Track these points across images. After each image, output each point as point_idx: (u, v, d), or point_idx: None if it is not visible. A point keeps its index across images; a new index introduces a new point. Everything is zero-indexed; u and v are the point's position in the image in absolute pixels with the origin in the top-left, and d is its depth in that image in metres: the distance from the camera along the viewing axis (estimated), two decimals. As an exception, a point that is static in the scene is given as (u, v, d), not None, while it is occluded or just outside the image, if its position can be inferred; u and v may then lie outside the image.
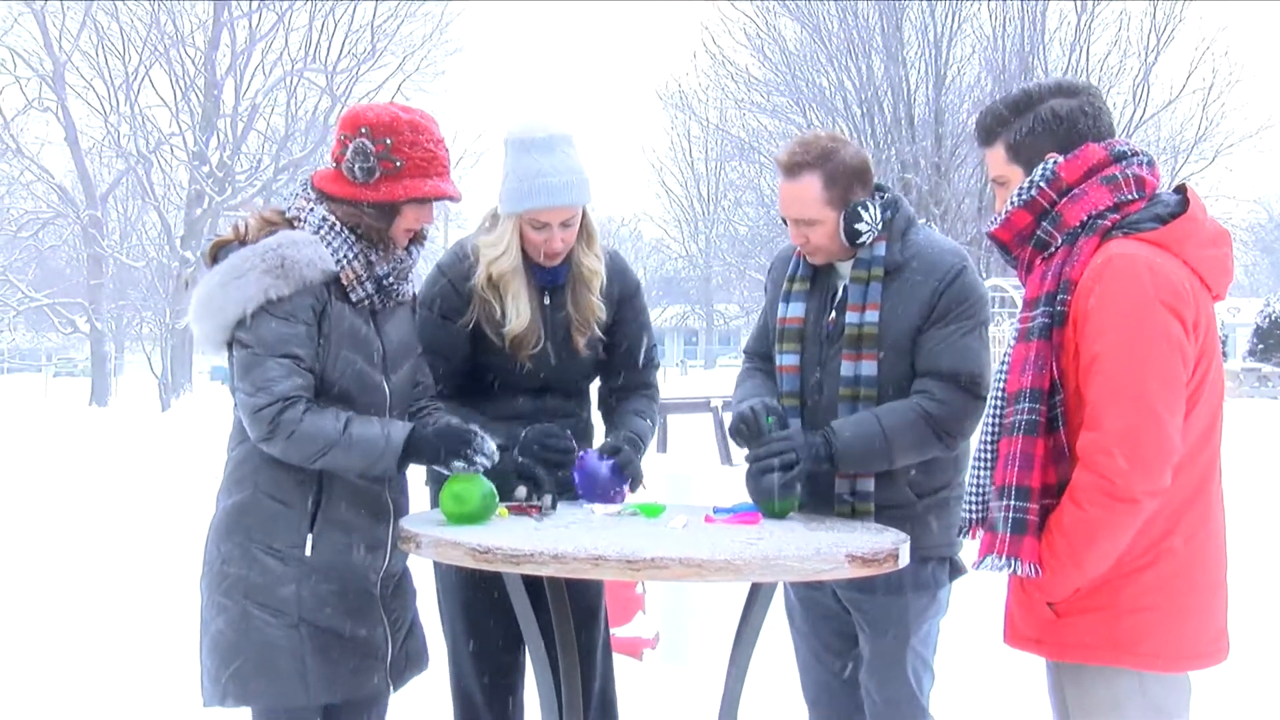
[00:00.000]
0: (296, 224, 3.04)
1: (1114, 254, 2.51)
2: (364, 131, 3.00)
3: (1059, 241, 2.62)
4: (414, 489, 3.30)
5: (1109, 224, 2.57)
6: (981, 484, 2.72)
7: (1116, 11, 31.75)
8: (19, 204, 37.85)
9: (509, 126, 3.38)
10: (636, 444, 3.46)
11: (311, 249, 2.97)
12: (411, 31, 38.56)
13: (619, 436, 3.45)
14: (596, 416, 3.68)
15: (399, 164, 2.99)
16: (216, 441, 3.45)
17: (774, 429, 3.17)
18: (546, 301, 3.46)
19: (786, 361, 3.33)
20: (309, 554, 2.97)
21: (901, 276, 3.20)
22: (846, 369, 3.21)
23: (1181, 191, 2.64)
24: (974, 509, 2.74)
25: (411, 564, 3.20)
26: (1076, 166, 2.62)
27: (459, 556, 2.71)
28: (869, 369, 3.19)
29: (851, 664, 3.38)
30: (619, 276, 3.57)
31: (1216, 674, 2.75)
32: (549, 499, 3.16)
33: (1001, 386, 2.68)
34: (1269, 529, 9.32)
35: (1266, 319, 38.23)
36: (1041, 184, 2.63)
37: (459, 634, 3.52)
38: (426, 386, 3.30)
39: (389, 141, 2.99)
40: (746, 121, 34.26)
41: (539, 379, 3.48)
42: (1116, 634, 2.54)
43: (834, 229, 3.20)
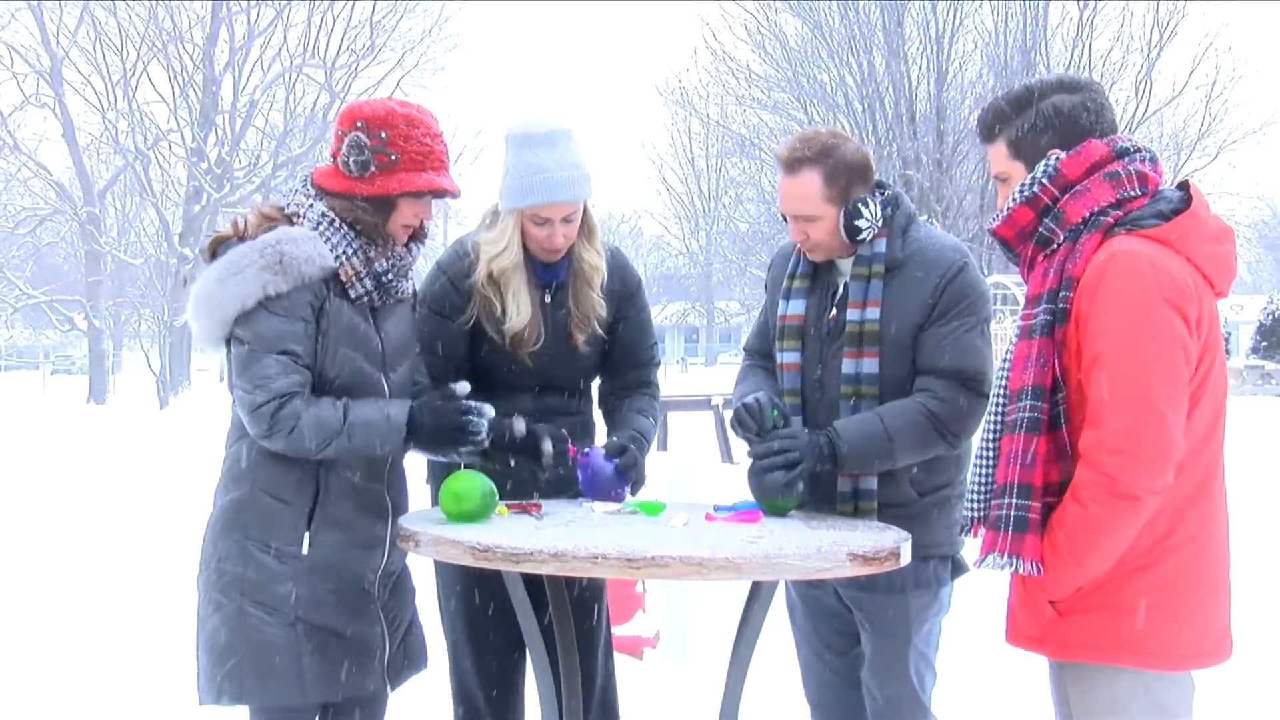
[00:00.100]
0: (295, 220, 3.04)
1: (1116, 251, 2.51)
2: (359, 125, 3.00)
3: (1061, 238, 2.62)
4: (414, 488, 3.30)
5: (1111, 221, 2.57)
6: (983, 482, 2.72)
7: (1119, 7, 31.74)
8: (16, 200, 37.85)
9: (509, 122, 3.39)
10: (641, 444, 3.46)
11: (310, 245, 2.97)
12: (410, 27, 38.62)
13: (624, 436, 3.44)
14: (598, 415, 3.68)
15: (394, 158, 2.99)
16: (215, 439, 3.45)
17: (778, 423, 3.17)
18: (547, 299, 3.46)
19: (787, 359, 3.33)
20: (306, 552, 2.97)
21: (902, 273, 3.20)
22: (847, 367, 3.21)
23: (1184, 188, 2.64)
24: (976, 507, 2.73)
25: (412, 563, 3.20)
26: (1079, 163, 2.62)
27: (458, 555, 2.71)
28: (870, 366, 3.19)
29: (853, 663, 3.38)
30: (620, 273, 3.57)
31: (1220, 673, 2.75)
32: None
33: (1003, 384, 2.68)
34: (1272, 527, 9.32)
35: (1270, 316, 38.24)
36: (1044, 180, 2.63)
37: (459, 633, 3.53)
38: (425, 386, 3.31)
39: (384, 135, 2.99)
40: (747, 118, 34.24)
41: (539, 377, 3.48)
42: (1119, 633, 2.54)
43: (834, 225, 3.20)
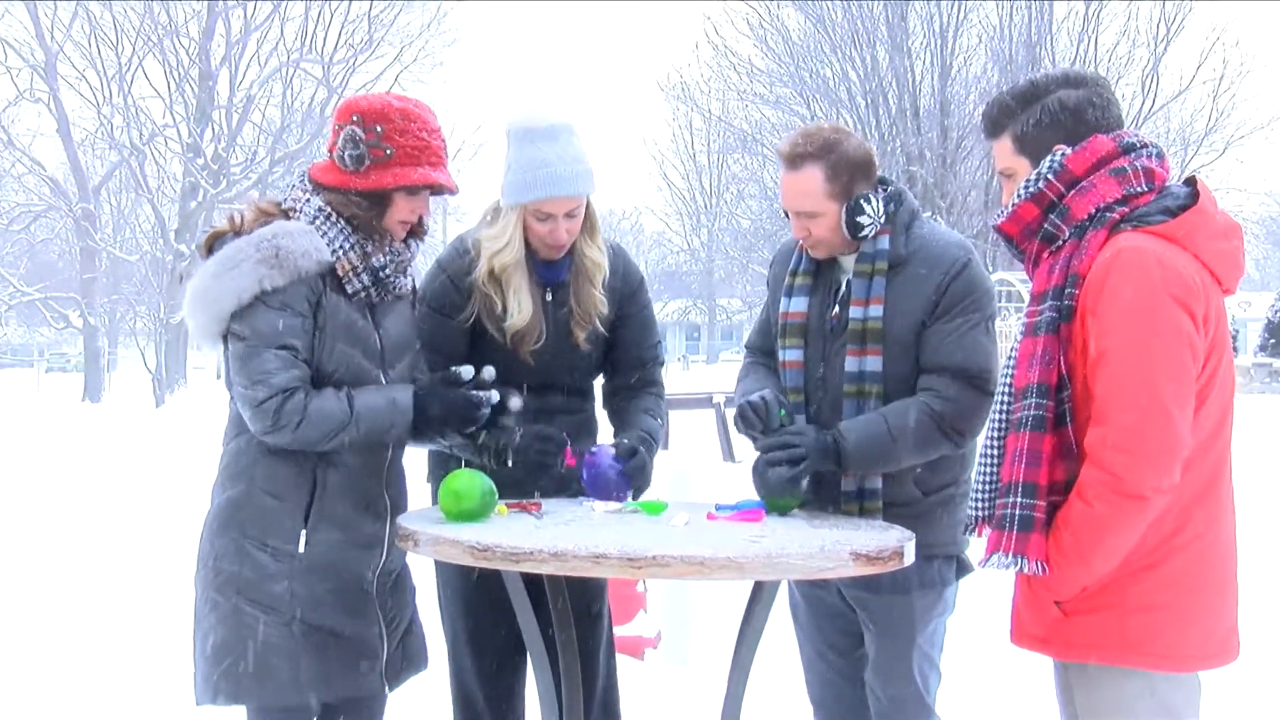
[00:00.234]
0: (292, 215, 3.04)
1: (1122, 247, 2.51)
2: (355, 120, 3.00)
3: (1067, 235, 2.62)
4: (415, 487, 3.30)
5: (1117, 217, 2.57)
6: (988, 480, 2.72)
7: (1125, 1, 31.71)
8: (10, 197, 37.86)
9: (510, 117, 3.38)
10: (651, 446, 3.46)
11: (306, 239, 2.97)
12: (409, 22, 38.64)
13: (634, 438, 3.43)
14: (601, 414, 3.67)
15: (389, 152, 2.99)
16: (212, 438, 3.45)
17: (785, 421, 3.17)
18: (548, 298, 3.46)
19: (790, 357, 3.33)
20: (302, 550, 2.98)
21: (905, 270, 3.20)
22: (851, 365, 3.20)
23: (1191, 184, 2.64)
24: (980, 506, 2.73)
25: (412, 562, 3.20)
26: (1084, 158, 2.62)
27: (458, 554, 2.71)
28: (873, 364, 3.19)
29: (856, 663, 3.38)
30: (622, 271, 3.56)
31: (1227, 674, 2.75)
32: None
33: (1009, 382, 2.68)
34: (1280, 526, 9.31)
35: (1278, 314, 38.22)
36: (1049, 176, 2.63)
37: (459, 633, 3.53)
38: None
39: (379, 129, 2.99)
40: (749, 113, 34.22)
41: (540, 375, 3.47)
42: (1125, 633, 2.54)
43: (836, 222, 3.20)
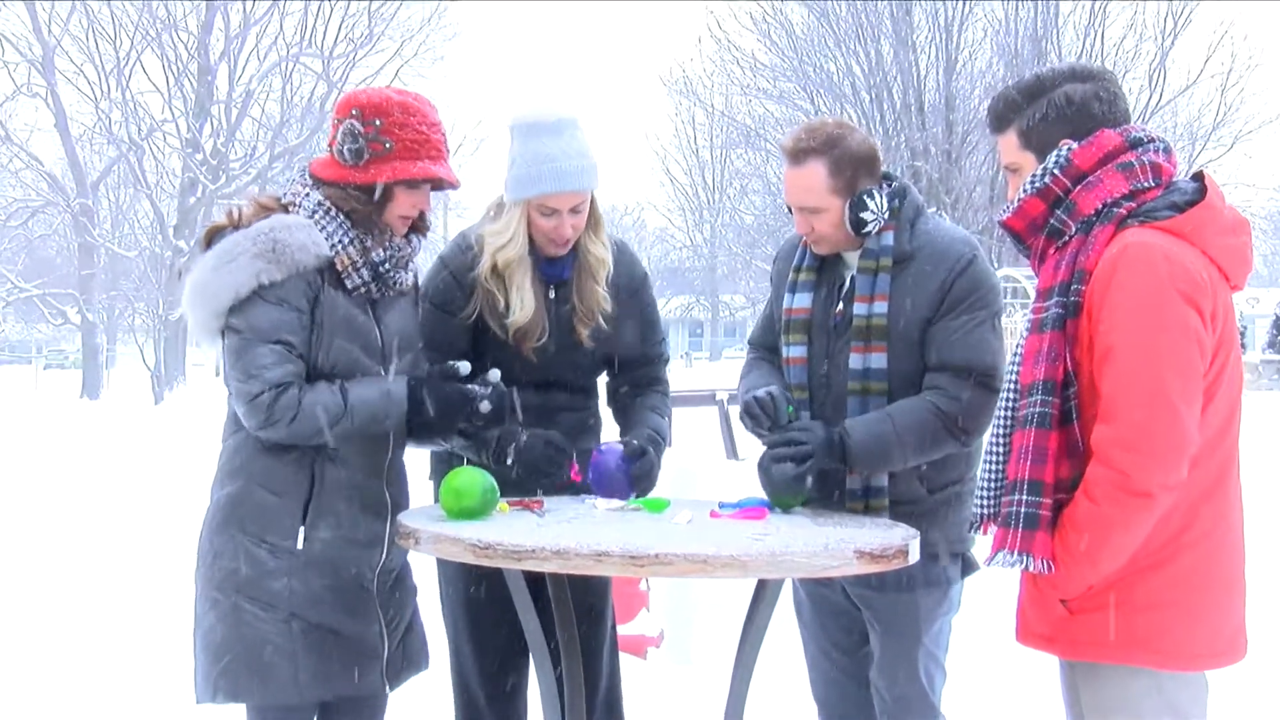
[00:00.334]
0: (292, 209, 3.04)
1: (1129, 243, 2.51)
2: (355, 113, 3.01)
3: (1073, 230, 2.62)
4: (417, 484, 3.30)
5: (1124, 212, 2.57)
6: (994, 478, 2.72)
7: (1132, -5, 31.65)
8: (8, 192, 37.88)
9: (514, 112, 3.38)
10: (659, 444, 3.46)
11: (304, 233, 2.97)
12: (409, 16, 38.60)
13: (642, 436, 3.42)
14: (606, 412, 3.67)
15: (388, 145, 2.99)
16: (211, 435, 3.45)
17: (793, 418, 3.17)
18: (551, 295, 3.45)
19: (794, 353, 3.33)
20: (301, 547, 2.98)
21: (910, 267, 3.20)
22: (855, 362, 3.20)
23: (1199, 179, 2.64)
24: (986, 503, 2.74)
25: (414, 561, 3.21)
26: (1091, 153, 2.61)
27: (459, 553, 2.71)
28: (878, 361, 3.19)
29: (861, 662, 3.38)
30: (626, 268, 3.56)
31: (1234, 673, 2.75)
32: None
33: (1014, 379, 2.68)
34: (1288, 524, 9.30)
35: (1286, 310, 38.16)
36: (1055, 171, 2.63)
37: (461, 633, 3.53)
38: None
39: (378, 123, 2.99)
40: (752, 108, 34.18)
41: (543, 373, 3.47)
42: (1131, 632, 2.54)
43: (839, 217, 3.20)
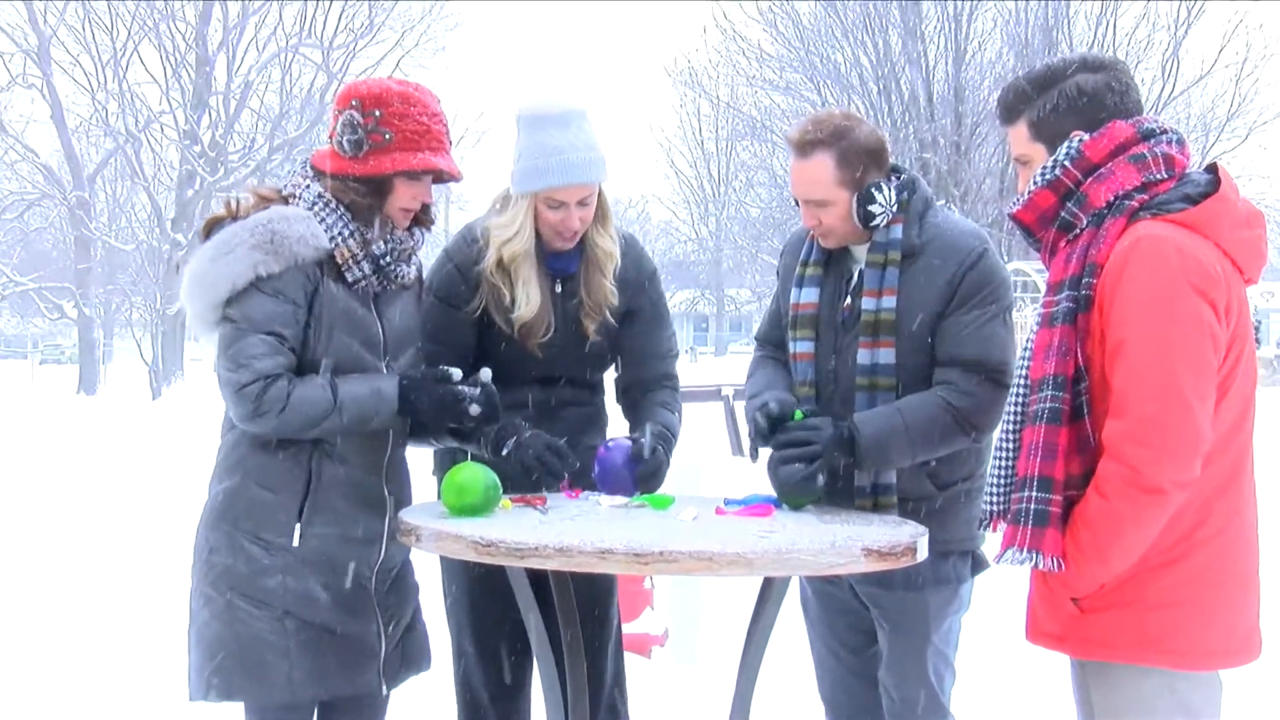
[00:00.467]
0: (291, 201, 3.04)
1: (1141, 236, 2.50)
2: (355, 104, 3.00)
3: (1084, 223, 2.62)
4: (421, 481, 3.30)
5: (1136, 205, 2.56)
6: (1003, 475, 2.71)
7: (1144, -15, 31.61)
8: (3, 184, 37.88)
9: (521, 103, 3.37)
10: (669, 442, 3.45)
11: (303, 225, 2.97)
12: (410, 5, 38.56)
13: (652, 434, 3.40)
14: (614, 408, 3.66)
15: (388, 136, 2.99)
16: (209, 431, 3.45)
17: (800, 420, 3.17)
18: (558, 289, 3.45)
19: (801, 349, 3.32)
20: (297, 544, 2.98)
21: (919, 260, 3.20)
22: (863, 357, 3.20)
23: (1212, 171, 2.63)
24: (995, 500, 2.73)
25: (418, 559, 3.21)
26: (1102, 145, 2.61)
27: (461, 550, 2.71)
28: (886, 357, 3.18)
29: (869, 661, 3.38)
30: (635, 263, 3.55)
31: (1249, 672, 2.75)
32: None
33: (1025, 373, 2.68)
34: (1302, 522, 9.30)
35: (1300, 304, 38.12)
36: (1066, 163, 2.63)
37: (464, 631, 3.53)
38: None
39: (378, 114, 2.99)
40: (758, 99, 34.19)
41: (549, 368, 3.47)
42: (1143, 631, 2.54)
43: (846, 210, 3.20)
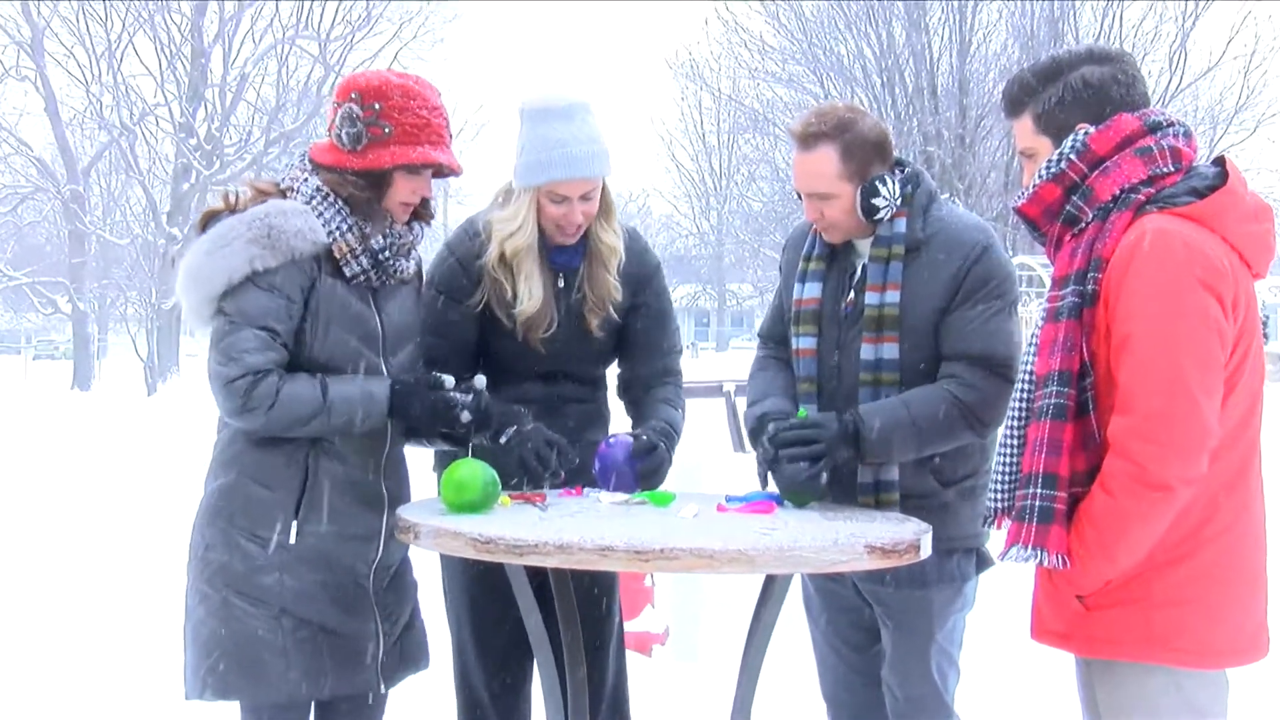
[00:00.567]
0: (290, 195, 3.04)
1: (1148, 229, 2.50)
2: (354, 97, 3.01)
3: (1090, 217, 2.62)
4: (422, 477, 3.30)
5: (1143, 198, 2.57)
6: (1008, 471, 2.72)
7: (1152, -25, 31.54)
8: (-4, 178, 37.90)
9: (525, 96, 3.37)
10: (672, 438, 3.45)
11: (301, 219, 2.97)
12: (408, -3, 38.50)
13: (655, 430, 3.41)
14: (616, 404, 3.66)
15: (388, 130, 2.99)
16: (205, 428, 3.46)
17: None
18: (561, 284, 3.45)
19: (803, 345, 3.32)
20: (293, 542, 2.99)
21: (923, 255, 3.20)
22: (866, 352, 3.20)
23: (1220, 164, 2.64)
24: (1000, 497, 2.73)
25: (417, 557, 3.21)
26: (1108, 138, 2.61)
27: (460, 547, 2.72)
28: (890, 352, 3.18)
29: (872, 660, 3.38)
30: (638, 257, 3.55)
31: (1256, 671, 2.75)
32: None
33: (1030, 369, 2.68)
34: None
35: (1309, 299, 38.09)
36: (1071, 156, 2.63)
37: (464, 629, 3.53)
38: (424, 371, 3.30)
39: (378, 106, 2.99)
40: (760, 92, 34.12)
41: (551, 363, 3.47)
42: (1149, 629, 2.54)
43: (850, 204, 3.20)
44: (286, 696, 2.98)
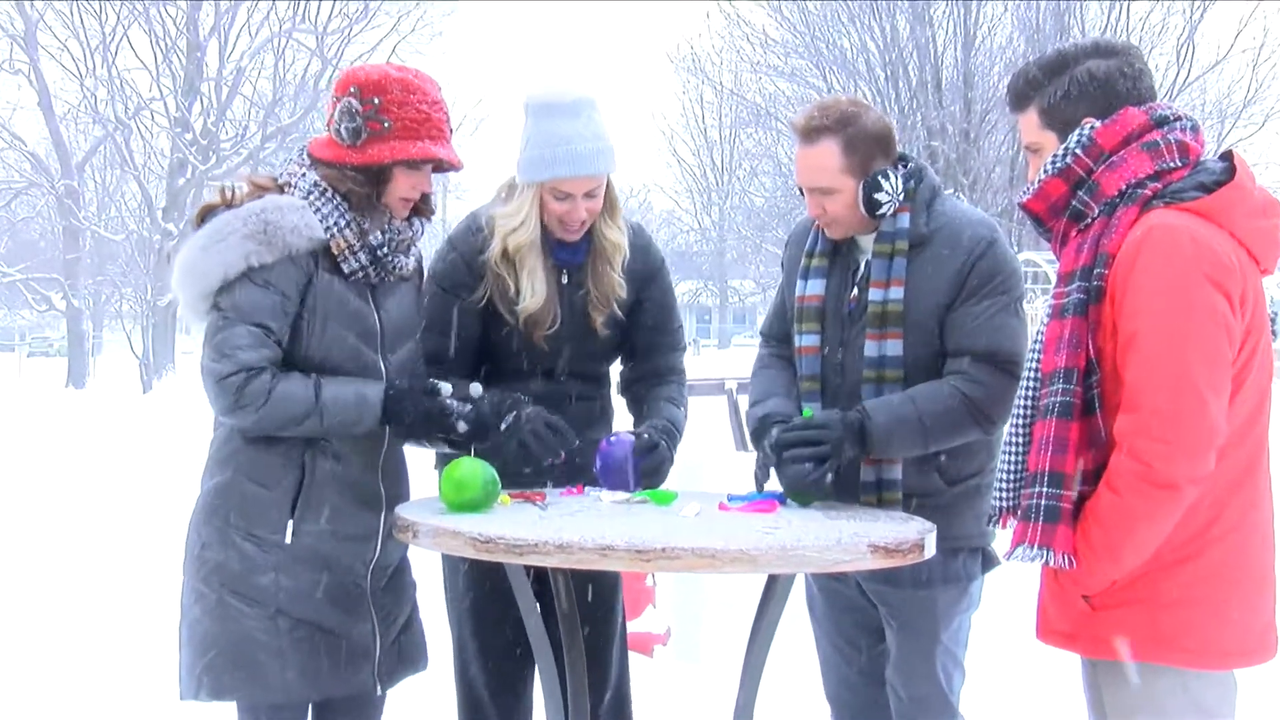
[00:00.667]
0: (287, 190, 3.04)
1: (1154, 225, 2.50)
2: (353, 91, 3.00)
3: (1096, 212, 2.62)
4: (422, 476, 3.30)
5: (1149, 193, 2.56)
6: (1013, 470, 2.72)
7: (1160, -34, 31.51)
8: (-11, 174, 37.90)
9: (530, 90, 3.36)
10: (674, 437, 3.45)
11: (297, 214, 2.97)
12: (406, -10, 38.45)
13: (656, 428, 3.41)
14: (619, 401, 3.66)
15: (387, 124, 2.99)
16: (201, 425, 3.46)
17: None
18: (564, 280, 3.44)
19: (806, 342, 3.32)
20: (289, 541, 2.99)
21: (927, 250, 3.20)
22: (870, 349, 3.20)
23: (1228, 158, 2.64)
24: (1005, 496, 2.74)
25: (416, 557, 3.21)
26: (1115, 132, 2.61)
27: (459, 547, 2.72)
28: (894, 349, 3.18)
29: (876, 660, 3.38)
30: (642, 253, 3.55)
31: (1264, 672, 2.75)
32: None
33: (1035, 366, 2.68)
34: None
35: (1318, 295, 38.07)
36: (1077, 151, 2.63)
37: (465, 629, 3.53)
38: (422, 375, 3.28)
39: (377, 101, 2.99)
40: (763, 86, 34.08)
41: (554, 360, 3.47)
42: (1156, 629, 2.54)
43: (852, 199, 3.19)
44: (283, 697, 2.98)
